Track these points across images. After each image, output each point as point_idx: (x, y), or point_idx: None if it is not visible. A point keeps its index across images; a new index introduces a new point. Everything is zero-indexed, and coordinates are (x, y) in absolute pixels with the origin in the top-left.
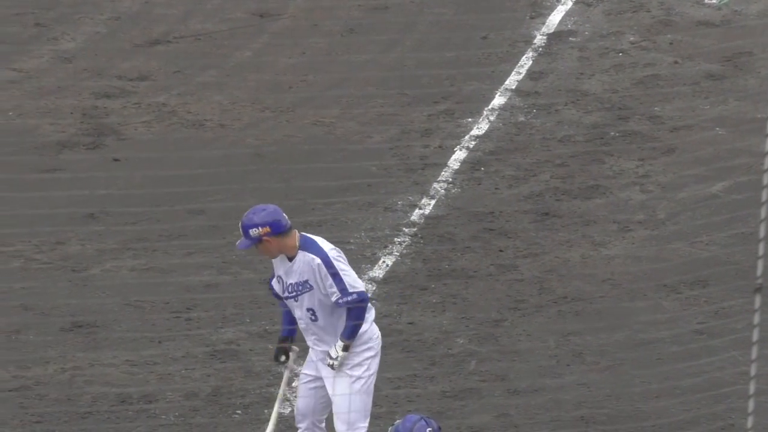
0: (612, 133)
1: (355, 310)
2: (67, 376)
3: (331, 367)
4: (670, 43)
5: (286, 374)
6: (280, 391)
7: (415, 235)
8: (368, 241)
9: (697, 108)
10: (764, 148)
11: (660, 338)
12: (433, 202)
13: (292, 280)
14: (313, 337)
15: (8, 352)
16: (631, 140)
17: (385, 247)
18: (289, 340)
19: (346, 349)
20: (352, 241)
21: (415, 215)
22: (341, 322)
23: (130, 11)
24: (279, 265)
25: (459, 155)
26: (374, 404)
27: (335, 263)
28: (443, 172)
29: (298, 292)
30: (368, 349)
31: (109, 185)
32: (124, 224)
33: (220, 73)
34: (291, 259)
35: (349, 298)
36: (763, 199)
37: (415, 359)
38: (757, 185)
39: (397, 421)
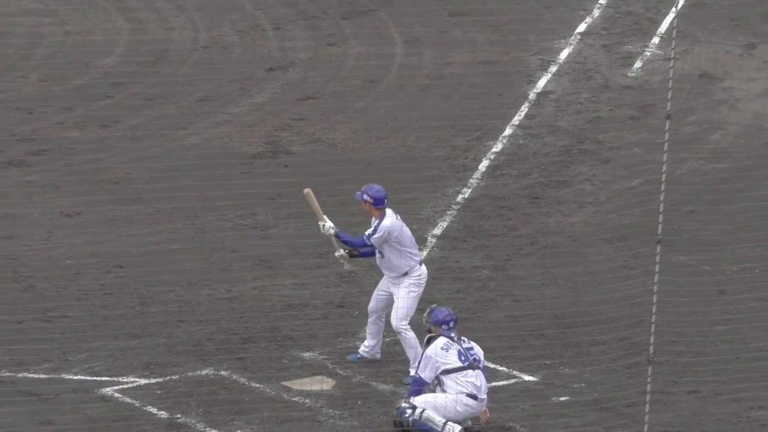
0: (574, 151)
1: (355, 242)
2: (256, 292)
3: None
4: (608, 98)
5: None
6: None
7: (459, 210)
8: (431, 213)
9: (623, 136)
10: (662, 159)
11: (601, 270)
12: (469, 190)
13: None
14: (383, 268)
15: (222, 277)
16: (585, 155)
17: (441, 217)
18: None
19: (333, 230)
20: (422, 213)
21: (459, 198)
22: (396, 261)
23: (294, 79)
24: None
25: (485, 163)
26: (431, 304)
27: (381, 225)
28: (476, 173)
29: None
30: (418, 276)
31: (281, 181)
32: (291, 204)
33: (345, 116)
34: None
35: (368, 233)
36: (662, 189)
37: (459, 282)
38: (659, 181)
39: (433, 305)
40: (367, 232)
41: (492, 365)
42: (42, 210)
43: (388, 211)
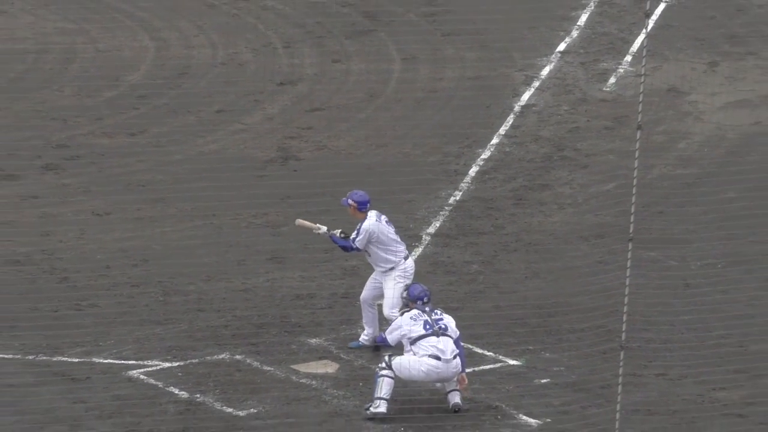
0: (554, 157)
1: (346, 246)
2: (268, 284)
3: (319, 230)
4: (585, 110)
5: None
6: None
7: (451, 210)
8: (426, 213)
9: (599, 144)
10: (634, 165)
11: (579, 265)
12: (460, 193)
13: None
14: (372, 264)
15: (238, 270)
16: (565, 161)
17: (435, 217)
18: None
19: (326, 233)
20: (417, 213)
21: (451, 200)
22: (382, 259)
23: (302, 92)
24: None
25: (474, 168)
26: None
27: (362, 228)
28: (466, 177)
29: None
30: (405, 269)
31: (292, 183)
32: (299, 205)
33: (349, 125)
34: (341, 233)
35: (352, 237)
36: (634, 192)
37: (451, 276)
38: (631, 185)
39: (408, 284)
40: (352, 236)
41: (480, 350)
42: (76, 210)
43: (370, 214)
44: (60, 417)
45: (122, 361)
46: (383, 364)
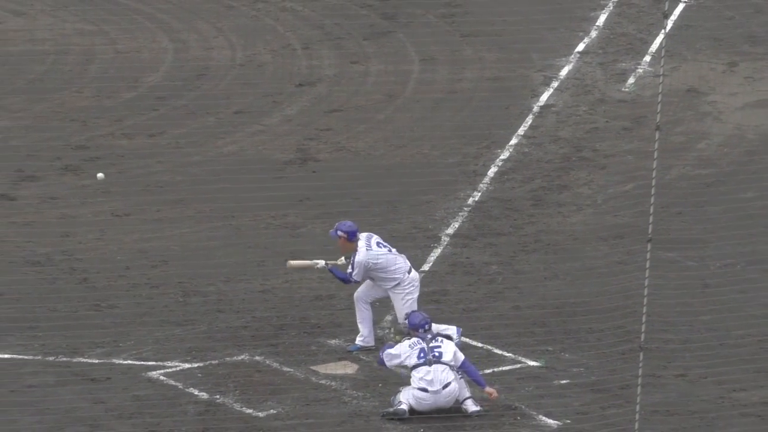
0: (573, 158)
1: (346, 279)
2: (287, 285)
3: (317, 265)
4: (604, 111)
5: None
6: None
7: (470, 211)
8: (445, 214)
9: (618, 145)
10: (653, 165)
11: (598, 265)
12: (479, 194)
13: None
14: (378, 284)
15: (257, 271)
16: (583, 162)
17: (453, 218)
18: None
19: (327, 266)
20: (436, 214)
21: (470, 201)
22: (385, 278)
23: (320, 94)
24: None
25: (493, 169)
26: (443, 295)
27: (355, 262)
28: (485, 178)
29: None
30: (411, 283)
31: (310, 185)
32: (318, 206)
33: (367, 127)
34: (348, 257)
35: (349, 272)
36: (653, 193)
37: (470, 276)
38: (650, 185)
39: (408, 312)
40: (348, 270)
41: (499, 351)
42: (95, 211)
43: (360, 245)
44: (80, 417)
45: (142, 362)
46: (399, 394)
